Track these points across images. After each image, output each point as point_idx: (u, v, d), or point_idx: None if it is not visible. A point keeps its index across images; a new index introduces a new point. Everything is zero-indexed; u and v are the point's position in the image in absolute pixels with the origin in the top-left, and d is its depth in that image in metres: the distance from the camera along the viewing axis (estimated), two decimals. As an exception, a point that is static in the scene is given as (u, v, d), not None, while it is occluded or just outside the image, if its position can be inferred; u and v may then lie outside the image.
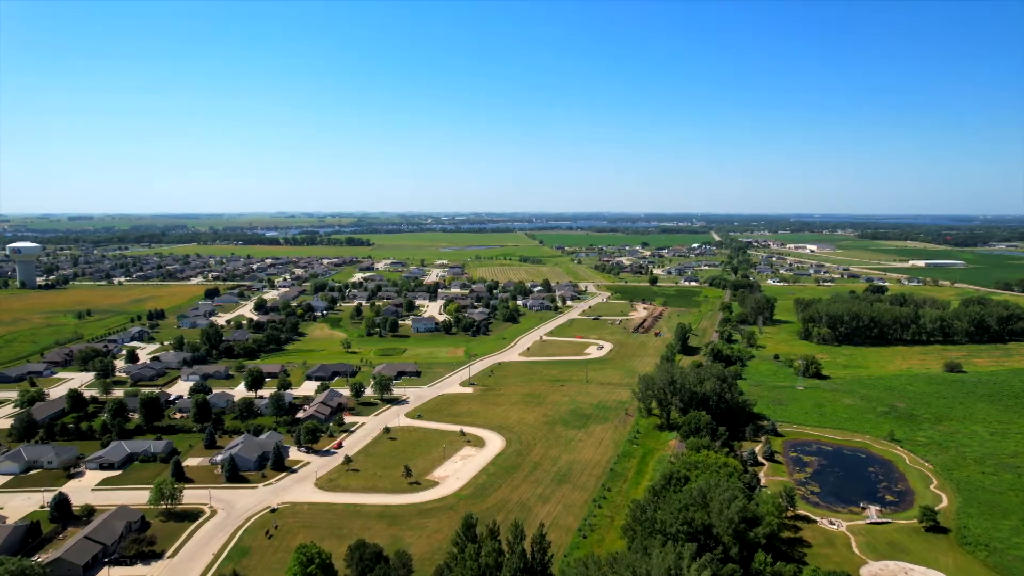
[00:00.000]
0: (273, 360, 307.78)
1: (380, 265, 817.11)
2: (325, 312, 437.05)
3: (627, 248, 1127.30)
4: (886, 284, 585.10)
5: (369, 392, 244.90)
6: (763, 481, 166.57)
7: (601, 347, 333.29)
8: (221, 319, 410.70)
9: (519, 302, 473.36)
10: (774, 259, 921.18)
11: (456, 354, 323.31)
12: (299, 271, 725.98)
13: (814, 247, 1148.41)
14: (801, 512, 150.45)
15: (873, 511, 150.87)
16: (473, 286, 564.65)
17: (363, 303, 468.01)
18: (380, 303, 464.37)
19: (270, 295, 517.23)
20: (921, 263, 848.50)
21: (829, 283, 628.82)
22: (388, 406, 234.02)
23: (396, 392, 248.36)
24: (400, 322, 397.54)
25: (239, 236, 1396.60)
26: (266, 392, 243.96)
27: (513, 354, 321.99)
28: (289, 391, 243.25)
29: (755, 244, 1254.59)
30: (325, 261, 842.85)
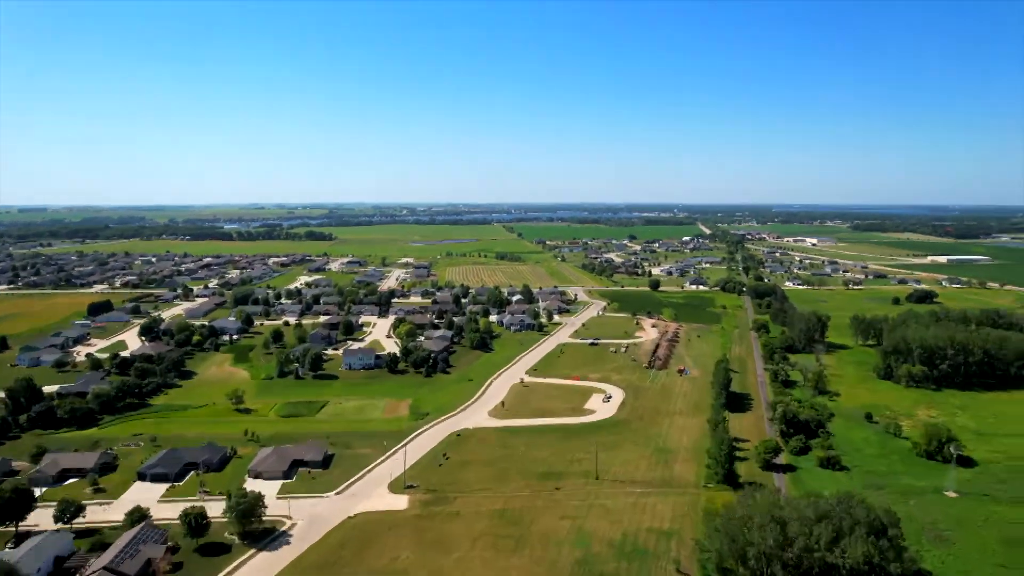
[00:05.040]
0: (118, 428, 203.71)
1: (335, 265, 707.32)
2: (235, 336, 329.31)
3: (613, 241, 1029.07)
4: (924, 287, 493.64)
5: (223, 519, 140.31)
6: None
7: (608, 397, 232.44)
8: (85, 351, 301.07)
9: (493, 318, 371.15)
10: (778, 254, 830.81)
11: (397, 412, 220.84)
12: (235, 272, 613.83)
13: (814, 240, 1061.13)
14: None
15: None
16: (438, 293, 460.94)
17: (291, 320, 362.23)
18: (309, 322, 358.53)
19: (177, 309, 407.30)
20: (942, 259, 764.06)
21: (859, 286, 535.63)
22: (250, 552, 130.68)
23: (275, 513, 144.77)
24: (330, 352, 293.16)
25: (190, 230, 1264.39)
26: (45, 515, 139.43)
27: (481, 412, 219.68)
28: (79, 517, 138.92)
29: (750, 237, 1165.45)
30: (272, 260, 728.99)
